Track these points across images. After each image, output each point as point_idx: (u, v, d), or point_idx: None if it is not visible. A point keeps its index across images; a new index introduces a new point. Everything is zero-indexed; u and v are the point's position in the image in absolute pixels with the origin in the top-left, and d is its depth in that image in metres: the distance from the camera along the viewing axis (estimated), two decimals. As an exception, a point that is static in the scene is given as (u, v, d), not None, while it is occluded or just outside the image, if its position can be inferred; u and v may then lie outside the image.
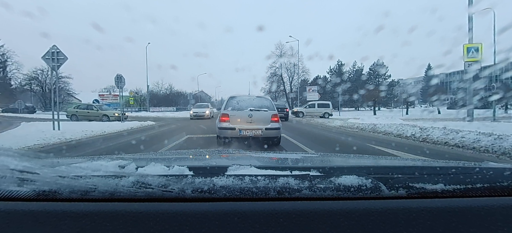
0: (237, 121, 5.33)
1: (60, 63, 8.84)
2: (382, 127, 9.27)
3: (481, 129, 6.26)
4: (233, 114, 5.39)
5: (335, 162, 1.35)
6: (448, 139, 6.30)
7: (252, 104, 5.58)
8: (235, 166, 0.75)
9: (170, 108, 44.70)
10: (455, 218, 0.58)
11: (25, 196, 0.60)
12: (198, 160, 1.30)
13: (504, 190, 0.67)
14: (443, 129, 7.00)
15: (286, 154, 1.92)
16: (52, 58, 8.74)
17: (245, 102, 5.66)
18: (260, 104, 5.59)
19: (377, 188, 0.65)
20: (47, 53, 8.73)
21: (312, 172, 0.72)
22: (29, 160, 0.74)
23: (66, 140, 7.41)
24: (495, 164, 0.88)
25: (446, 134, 6.56)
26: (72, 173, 0.67)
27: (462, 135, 6.07)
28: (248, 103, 5.62)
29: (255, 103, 5.63)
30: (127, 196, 0.61)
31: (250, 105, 5.53)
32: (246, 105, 5.51)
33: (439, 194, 0.66)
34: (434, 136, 6.75)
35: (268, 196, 0.63)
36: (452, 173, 0.80)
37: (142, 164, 0.78)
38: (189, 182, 0.64)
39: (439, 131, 6.90)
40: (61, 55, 8.80)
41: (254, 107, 5.48)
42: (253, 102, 5.70)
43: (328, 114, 22.22)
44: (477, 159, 4.57)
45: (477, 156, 4.98)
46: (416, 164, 1.14)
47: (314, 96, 30.63)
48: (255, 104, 5.58)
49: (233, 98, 5.77)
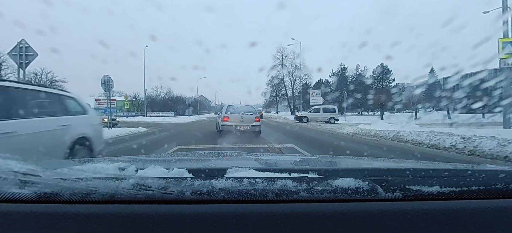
0: (234, 120, 8.59)
1: (29, 60, 7.52)
2: (408, 135, 7.82)
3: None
4: (231, 116, 8.62)
5: (332, 164, 1.38)
6: (508, 152, 4.84)
7: (243, 110, 9.04)
8: (234, 168, 0.76)
9: (169, 113, 43.40)
10: (451, 221, 0.59)
11: (27, 198, 0.61)
12: (197, 162, 1.33)
13: (499, 192, 0.67)
14: (491, 138, 5.55)
15: (285, 157, 2.22)
16: (20, 54, 7.37)
17: (238, 108, 9.11)
18: (248, 110, 9.11)
19: (373, 190, 0.65)
20: (14, 49, 7.40)
21: (310, 174, 0.73)
22: (32, 162, 0.74)
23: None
24: (492, 166, 0.93)
25: (503, 145, 5.10)
26: (73, 175, 0.69)
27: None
28: (240, 109, 9.04)
29: (244, 109, 9.12)
30: (127, 198, 0.62)
31: (241, 110, 8.93)
32: (239, 111, 8.91)
33: (435, 196, 0.66)
34: (485, 148, 5.32)
35: (266, 198, 0.63)
36: (448, 175, 0.79)
37: (142, 166, 0.79)
38: (189, 184, 0.64)
39: (490, 141, 5.44)
40: (30, 51, 7.49)
41: (244, 112, 8.90)
42: (243, 109, 9.19)
43: (334, 120, 21.01)
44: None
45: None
46: (412, 166, 1.10)
47: (318, 100, 29.25)
48: (244, 110, 9.06)
49: (231, 106, 9.35)
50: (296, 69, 44.57)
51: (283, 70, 45.06)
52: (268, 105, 59.34)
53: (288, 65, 44.80)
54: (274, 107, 56.33)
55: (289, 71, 45.41)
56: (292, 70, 45.26)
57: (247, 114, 8.82)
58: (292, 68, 44.92)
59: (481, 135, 6.05)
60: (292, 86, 46.63)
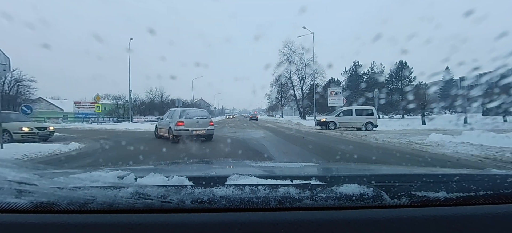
0: (190, 125, 8.90)
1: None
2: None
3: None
4: (186, 121, 8.95)
5: (336, 170, 1.38)
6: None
7: (197, 114, 9.53)
8: (235, 175, 0.76)
9: (156, 118, 37.97)
10: (459, 227, 0.59)
11: (23, 208, 0.61)
12: (197, 170, 1.34)
13: (508, 197, 0.67)
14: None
15: (286, 164, 2.06)
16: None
17: (192, 113, 9.58)
18: (202, 115, 9.70)
19: (379, 197, 0.65)
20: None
21: (313, 181, 0.73)
22: (27, 171, 0.76)
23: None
24: (498, 171, 0.93)
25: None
26: (70, 184, 0.68)
27: None
28: (194, 114, 9.55)
29: (199, 114, 9.70)
30: (126, 207, 0.62)
31: (196, 115, 9.39)
32: (193, 115, 9.33)
33: (442, 202, 0.66)
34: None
35: (269, 206, 0.63)
36: (455, 181, 0.78)
37: (141, 174, 0.79)
38: (189, 192, 0.65)
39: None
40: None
41: (199, 116, 9.37)
42: (198, 113, 9.77)
43: (371, 125, 15.85)
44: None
45: None
46: (418, 171, 1.13)
47: (339, 101, 23.80)
48: (198, 114, 9.61)
49: (184, 111, 9.53)
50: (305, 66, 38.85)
51: (291, 67, 39.36)
52: (272, 108, 53.89)
53: (296, 61, 39.11)
54: (279, 110, 50.72)
55: (298, 68, 39.66)
56: (302, 67, 39.52)
57: (201, 118, 9.32)
58: (301, 65, 39.17)
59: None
60: (301, 85, 40.85)
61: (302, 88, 41.18)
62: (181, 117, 8.84)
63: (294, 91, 41.56)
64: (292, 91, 41.54)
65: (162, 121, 10.42)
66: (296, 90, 41.47)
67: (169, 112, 10.20)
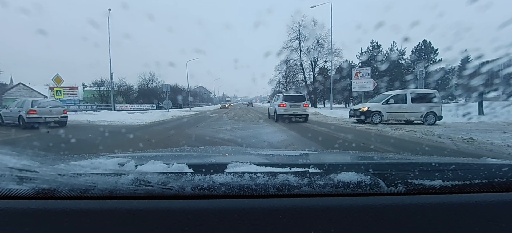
0: (42, 113, 10.64)
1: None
2: None
3: None
4: (39, 109, 10.69)
5: (334, 159, 1.43)
6: None
7: (50, 104, 11.38)
8: (235, 163, 0.78)
9: (147, 106, 32.69)
10: (454, 214, 0.61)
11: (24, 194, 0.63)
12: (197, 157, 1.36)
13: (502, 186, 0.70)
14: None
15: (286, 152, 2.10)
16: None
17: (45, 103, 11.52)
18: (55, 104, 11.66)
19: (376, 185, 0.68)
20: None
21: (311, 168, 0.75)
22: (28, 158, 0.76)
23: None
24: (493, 160, 0.94)
25: None
26: (71, 171, 0.70)
27: None
28: (47, 104, 11.45)
29: (52, 104, 11.63)
30: (127, 193, 0.64)
31: (49, 105, 11.29)
32: (46, 105, 11.28)
33: (437, 190, 0.69)
34: None
35: (268, 193, 0.66)
36: (450, 169, 0.79)
37: (142, 161, 0.82)
38: (189, 179, 0.67)
39: None
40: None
41: (51, 106, 11.27)
42: (51, 103, 11.75)
43: (434, 118, 10.62)
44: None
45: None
46: (415, 160, 1.13)
47: (367, 85, 18.43)
48: (51, 104, 11.49)
49: (36, 101, 11.46)
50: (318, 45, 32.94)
51: (302, 45, 33.43)
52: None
53: (308, 38, 33.07)
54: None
55: (309, 48, 33.75)
56: (314, 46, 33.63)
57: (54, 107, 11.23)
58: (313, 43, 33.27)
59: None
60: (312, 67, 35.10)
61: (313, 70, 35.64)
62: (33, 106, 10.59)
63: (304, 74, 36.16)
64: (302, 75, 36.03)
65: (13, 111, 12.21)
66: (306, 74, 35.93)
67: (28, 102, 11.61)
